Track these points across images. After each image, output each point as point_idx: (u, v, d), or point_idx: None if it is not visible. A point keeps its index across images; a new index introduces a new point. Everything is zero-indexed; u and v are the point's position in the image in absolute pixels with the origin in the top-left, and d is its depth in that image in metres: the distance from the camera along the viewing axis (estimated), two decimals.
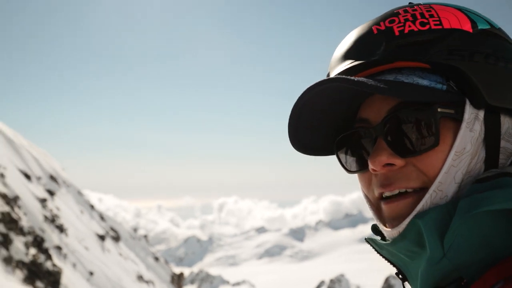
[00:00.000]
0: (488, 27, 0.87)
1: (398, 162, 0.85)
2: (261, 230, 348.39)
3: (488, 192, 0.75)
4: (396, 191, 0.86)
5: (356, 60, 0.89)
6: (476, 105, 0.82)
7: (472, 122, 0.82)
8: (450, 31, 0.84)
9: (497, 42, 0.86)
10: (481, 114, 0.83)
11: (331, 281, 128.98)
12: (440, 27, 0.84)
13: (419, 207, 0.82)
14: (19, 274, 12.25)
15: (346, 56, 0.91)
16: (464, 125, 0.82)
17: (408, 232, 0.82)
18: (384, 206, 0.89)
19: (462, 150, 0.81)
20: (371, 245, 0.92)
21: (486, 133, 0.83)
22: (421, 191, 0.84)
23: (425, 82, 0.84)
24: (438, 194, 0.82)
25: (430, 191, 0.82)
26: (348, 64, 0.90)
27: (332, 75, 0.93)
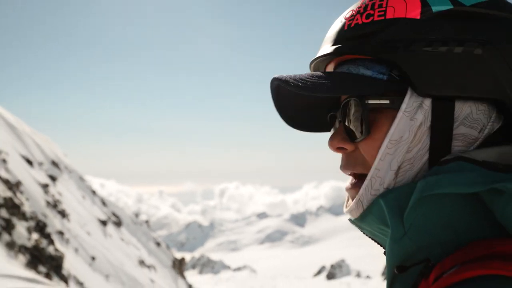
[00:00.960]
0: (448, 7, 0.83)
1: (348, 146, 0.89)
2: (262, 215, 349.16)
3: (441, 175, 0.76)
4: (349, 172, 0.92)
5: (321, 52, 0.93)
6: (420, 94, 0.82)
7: (414, 111, 0.82)
8: (391, 22, 0.84)
9: (453, 24, 0.82)
10: (427, 102, 0.82)
11: (332, 266, 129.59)
12: (382, 18, 0.85)
13: (361, 192, 0.86)
14: (22, 259, 12.36)
15: (322, 44, 0.96)
16: (400, 114, 0.83)
17: (369, 212, 0.86)
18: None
19: (398, 139, 0.83)
20: (354, 224, 0.94)
21: (434, 121, 0.82)
22: (364, 178, 0.87)
23: (369, 73, 0.86)
24: (377, 181, 0.84)
25: (369, 177, 0.85)
26: (318, 54, 0.95)
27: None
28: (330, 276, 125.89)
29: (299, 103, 1.02)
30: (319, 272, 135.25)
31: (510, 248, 0.70)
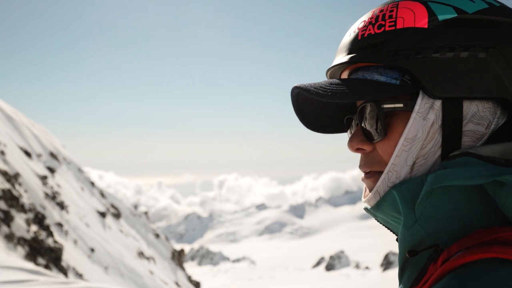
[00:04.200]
0: (452, 16, 0.90)
1: (367, 147, 0.97)
2: (261, 207, 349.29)
3: (448, 169, 0.84)
4: (368, 170, 0.99)
5: (337, 61, 1.00)
6: (431, 96, 0.88)
7: (426, 111, 0.89)
8: (401, 31, 0.90)
9: (458, 31, 0.89)
10: (437, 103, 0.88)
11: (331, 257, 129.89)
12: (393, 28, 0.91)
13: (378, 183, 0.93)
14: (21, 251, 12.35)
15: (337, 53, 1.03)
16: (414, 115, 0.89)
17: (383, 201, 0.93)
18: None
19: (413, 137, 0.89)
20: (369, 213, 1.01)
21: (444, 120, 0.89)
22: (381, 173, 0.95)
23: (382, 79, 0.93)
24: (394, 174, 0.91)
25: (386, 170, 0.92)
26: (334, 63, 1.02)
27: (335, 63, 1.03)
28: (329, 267, 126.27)
29: (317, 108, 1.09)
30: (318, 263, 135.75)
31: (510, 235, 0.77)
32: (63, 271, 13.64)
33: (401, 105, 0.91)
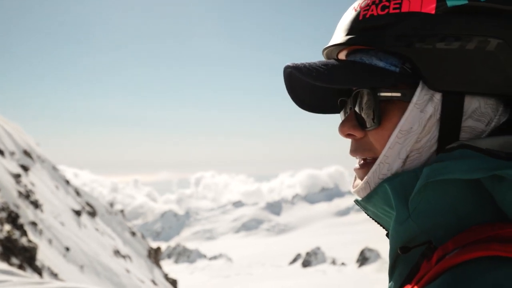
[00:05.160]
0: (463, 2, 0.84)
1: (358, 133, 0.93)
2: (238, 204, 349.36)
3: (445, 162, 0.80)
4: (359, 158, 0.96)
5: (334, 40, 0.95)
6: (431, 87, 0.84)
7: (425, 103, 0.84)
8: (406, 15, 0.85)
9: (467, 19, 0.83)
10: (437, 96, 0.84)
11: (307, 254, 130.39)
12: (397, 11, 0.86)
13: (369, 175, 0.90)
14: None
15: (335, 32, 0.97)
16: (411, 106, 0.85)
17: (375, 193, 0.89)
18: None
19: (408, 129, 0.85)
20: (359, 206, 0.97)
21: (443, 114, 0.85)
22: (374, 161, 0.91)
23: (381, 64, 0.88)
24: (385, 166, 0.87)
25: (377, 162, 0.88)
26: (331, 42, 0.97)
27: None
28: (306, 263, 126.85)
29: (310, 88, 1.04)
30: (294, 260, 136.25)
31: (508, 232, 0.73)
32: (38, 271, 13.46)
33: (398, 94, 0.87)
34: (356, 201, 0.97)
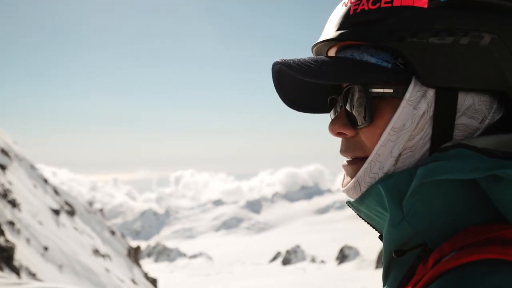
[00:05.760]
0: None
1: (349, 132, 0.90)
2: (218, 202, 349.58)
3: (441, 162, 0.78)
4: (349, 156, 0.93)
5: (324, 36, 0.93)
6: (424, 84, 0.82)
7: (418, 100, 0.83)
8: (398, 9, 0.84)
9: (460, 14, 0.81)
10: (431, 92, 0.83)
11: (287, 252, 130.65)
12: (389, 5, 0.84)
13: (359, 173, 0.87)
14: None
15: (325, 28, 0.95)
16: (404, 103, 0.83)
17: (368, 195, 0.87)
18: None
19: (401, 127, 0.83)
20: (351, 207, 0.95)
21: (436, 110, 0.83)
22: (365, 159, 0.88)
23: (373, 60, 0.86)
24: (377, 165, 0.85)
25: (369, 160, 0.86)
26: (320, 38, 0.94)
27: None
28: (286, 261, 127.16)
29: (300, 86, 1.01)
30: (274, 258, 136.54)
31: (508, 233, 0.71)
32: (16, 271, 13.34)
33: (391, 90, 0.85)
34: (348, 203, 0.95)
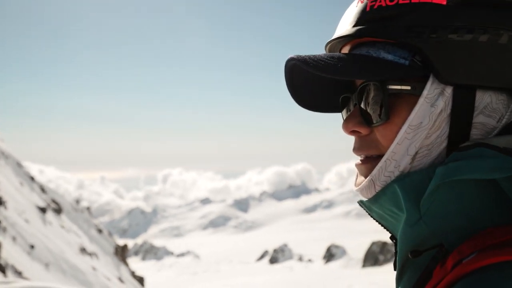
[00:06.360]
0: None
1: (363, 130, 0.89)
2: (205, 201, 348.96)
3: (462, 161, 0.76)
4: (363, 156, 0.92)
5: (339, 33, 0.92)
6: (442, 81, 0.81)
7: (435, 97, 0.82)
8: (417, 6, 0.82)
9: (480, 11, 0.81)
10: (448, 90, 0.82)
11: (275, 250, 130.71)
12: (407, 1, 0.83)
13: (374, 172, 0.86)
14: None
15: (339, 25, 0.94)
16: (421, 100, 0.82)
17: (383, 194, 0.86)
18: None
19: (418, 124, 0.82)
20: (363, 207, 0.94)
21: (454, 108, 0.82)
22: (380, 158, 0.87)
23: (390, 57, 0.85)
24: (392, 163, 0.84)
25: (384, 158, 0.85)
26: (335, 35, 0.93)
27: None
28: (273, 260, 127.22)
29: (312, 84, 1.01)
30: (262, 257, 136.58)
31: None
32: (1, 269, 13.26)
33: (408, 87, 0.84)
34: (360, 202, 0.94)
